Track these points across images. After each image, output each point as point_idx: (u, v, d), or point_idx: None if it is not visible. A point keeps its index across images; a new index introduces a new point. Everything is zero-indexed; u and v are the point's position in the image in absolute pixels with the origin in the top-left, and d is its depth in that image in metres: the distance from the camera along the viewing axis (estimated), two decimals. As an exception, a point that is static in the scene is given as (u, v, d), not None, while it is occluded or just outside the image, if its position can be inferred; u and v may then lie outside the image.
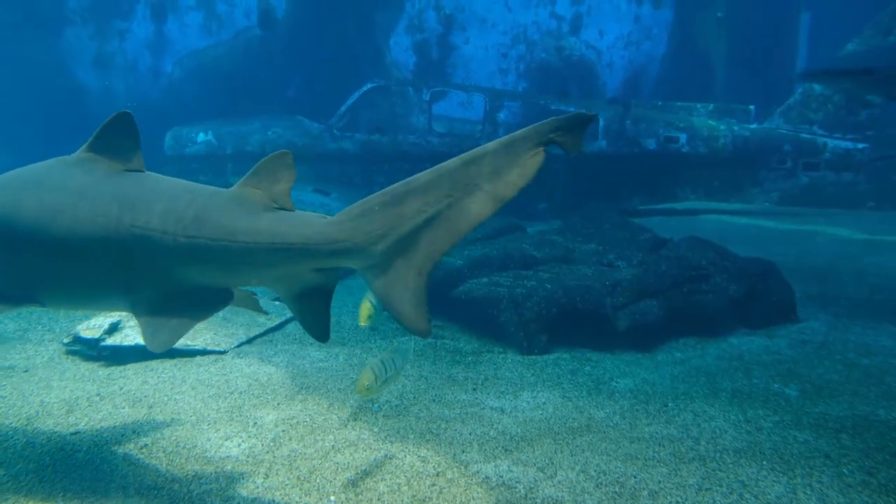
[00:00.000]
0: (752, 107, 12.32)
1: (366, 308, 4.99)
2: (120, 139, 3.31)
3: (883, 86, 6.90)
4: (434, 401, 4.64)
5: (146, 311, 3.08)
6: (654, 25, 18.72)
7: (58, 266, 3.14)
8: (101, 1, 16.33)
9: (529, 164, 2.86)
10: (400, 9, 17.81)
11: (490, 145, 2.86)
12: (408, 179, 2.94)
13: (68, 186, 3.16)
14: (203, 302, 3.14)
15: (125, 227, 3.03)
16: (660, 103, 12.82)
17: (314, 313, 3.16)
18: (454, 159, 2.88)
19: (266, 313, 3.82)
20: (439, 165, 2.89)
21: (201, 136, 12.25)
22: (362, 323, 5.05)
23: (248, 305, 3.65)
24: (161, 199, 3.12)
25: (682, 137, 12.00)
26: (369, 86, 12.28)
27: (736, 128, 12.05)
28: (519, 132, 2.83)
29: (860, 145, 11.78)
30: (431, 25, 18.10)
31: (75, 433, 4.08)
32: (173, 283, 3.09)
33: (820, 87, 11.90)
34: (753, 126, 12.14)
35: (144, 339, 3.01)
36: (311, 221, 3.01)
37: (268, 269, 3.04)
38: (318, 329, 3.16)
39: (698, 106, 12.55)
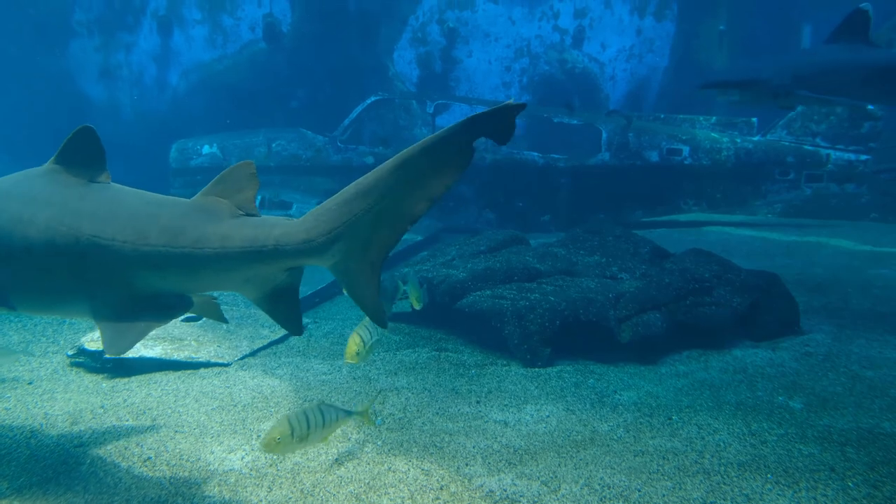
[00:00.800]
0: (754, 119, 12.36)
1: (354, 344, 4.41)
2: (84, 152, 3.45)
3: (771, 96, 7.00)
4: (437, 414, 4.64)
5: (106, 318, 3.21)
6: (656, 38, 18.78)
7: (22, 273, 3.27)
8: (107, 14, 16.46)
9: (460, 159, 2.99)
10: (403, 22, 17.92)
11: (424, 143, 2.97)
12: (357, 181, 3.10)
13: (33, 197, 3.31)
14: (162, 308, 3.28)
15: (85, 236, 3.16)
16: (662, 116, 12.87)
17: (287, 310, 3.36)
18: (393, 159, 3.03)
19: (226, 321, 3.83)
20: (381, 166, 3.04)
21: (206, 149, 12.32)
22: (348, 360, 4.45)
23: (209, 313, 3.72)
24: (122, 210, 3.27)
25: (685, 150, 12.03)
26: (373, 98, 12.36)
27: (739, 140, 12.08)
28: (448, 128, 2.92)
29: (863, 157, 11.80)
30: (435, 38, 18.18)
31: (79, 446, 4.09)
32: (133, 290, 3.22)
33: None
34: (756, 138, 12.17)
35: (103, 344, 3.15)
36: (279, 224, 3.17)
37: (236, 272, 3.18)
38: (293, 323, 3.37)
39: (701, 118, 12.60)
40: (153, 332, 5.81)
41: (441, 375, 5.40)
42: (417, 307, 5.79)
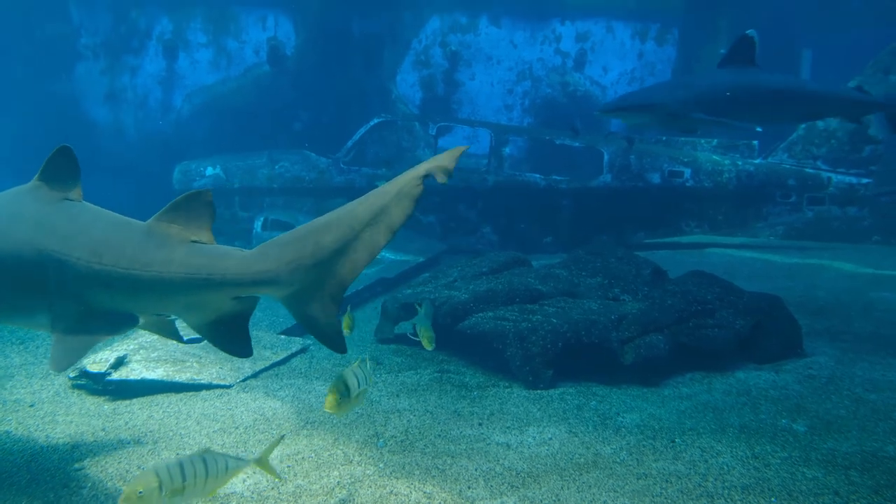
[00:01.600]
0: (755, 142, 12.42)
1: (336, 391, 3.65)
2: (62, 170, 3.63)
3: (668, 119, 7.28)
4: (440, 436, 4.62)
5: (61, 331, 3.38)
6: (657, 62, 18.93)
7: None
8: (113, 37, 16.63)
9: (413, 195, 3.30)
10: (406, 45, 18.08)
11: (380, 188, 3.32)
12: (321, 216, 3.33)
13: (13, 212, 3.53)
14: (110, 325, 3.46)
15: (47, 251, 3.33)
16: (664, 138, 12.93)
17: (232, 337, 3.46)
18: (357, 199, 3.33)
19: (182, 341, 3.88)
20: (347, 204, 3.33)
21: (209, 170, 12.39)
22: (327, 409, 3.70)
23: (165, 332, 3.81)
24: (83, 228, 3.44)
25: (687, 172, 12.08)
26: (376, 121, 12.44)
27: (740, 162, 12.13)
28: (402, 175, 3.32)
29: (864, 180, 11.84)
30: (438, 61, 18.34)
31: (80, 469, 4.08)
32: (86, 306, 3.37)
33: (823, 122, 11.99)
34: (758, 161, 12.22)
35: (52, 356, 3.32)
36: (230, 254, 3.31)
37: (177, 297, 3.32)
38: (240, 348, 3.47)
39: (702, 141, 12.65)
40: (155, 354, 5.83)
41: (443, 397, 5.39)
42: (429, 348, 5.54)
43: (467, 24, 18.43)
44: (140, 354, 5.84)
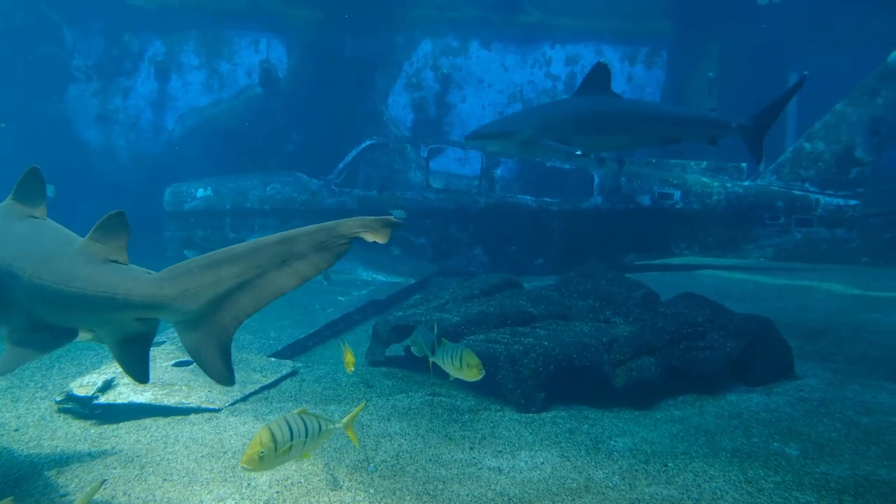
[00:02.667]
0: (744, 164, 12.52)
1: (258, 443, 3.39)
2: (30, 189, 3.93)
3: (522, 146, 7.42)
4: (431, 460, 4.58)
5: (14, 342, 3.51)
6: (646, 84, 19.12)
7: None
8: (105, 59, 16.68)
9: (335, 251, 3.27)
10: (398, 68, 18.22)
11: (305, 229, 3.29)
12: (229, 247, 3.33)
13: None
14: (53, 338, 3.55)
15: (4, 264, 3.51)
16: (654, 160, 13.02)
17: (134, 357, 3.53)
18: (272, 236, 3.32)
19: (143, 381, 3.87)
20: (259, 239, 3.33)
21: (200, 192, 12.37)
22: (244, 464, 3.48)
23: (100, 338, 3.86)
24: (36, 244, 3.65)
25: (677, 194, 12.15)
26: (368, 143, 12.48)
27: (729, 185, 12.22)
28: (331, 223, 3.28)
29: (852, 202, 11.94)
30: (429, 84, 18.47)
31: (65, 495, 4.02)
32: (32, 318, 3.51)
33: (810, 145, 12.10)
34: (746, 183, 12.31)
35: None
36: (137, 276, 3.38)
37: (97, 314, 3.42)
38: (138, 372, 3.54)
39: (691, 163, 12.75)
40: (144, 377, 5.77)
41: (434, 421, 5.35)
42: (416, 353, 5.64)
43: (458, 47, 18.59)
44: (128, 378, 5.77)
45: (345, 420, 3.69)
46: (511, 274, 9.11)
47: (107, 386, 5.54)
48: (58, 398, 5.53)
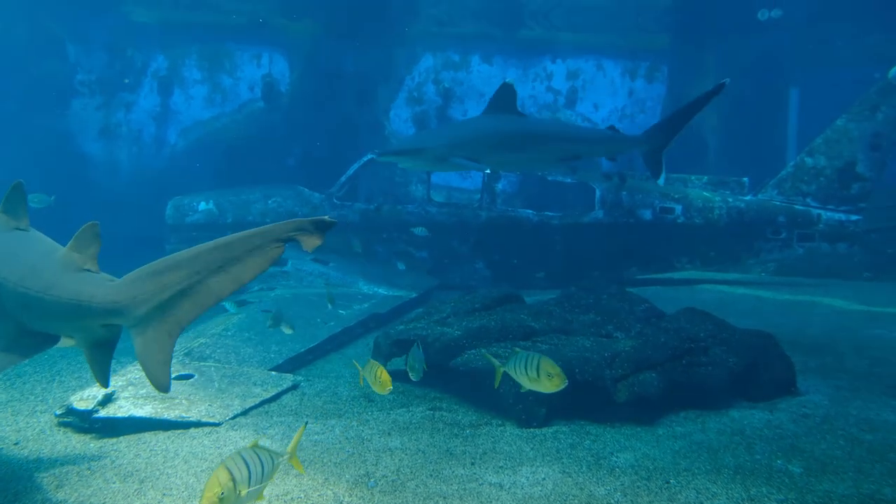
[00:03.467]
0: (745, 179, 12.54)
1: (216, 484, 2.96)
2: (14, 203, 4.19)
3: (434, 162, 7.69)
4: (431, 476, 4.55)
5: (2, 348, 3.71)
6: (647, 98, 19.21)
7: None
8: (108, 74, 16.78)
9: (270, 254, 3.42)
10: (400, 82, 18.30)
11: (240, 235, 3.47)
12: (173, 255, 3.51)
13: None
14: (35, 344, 3.78)
15: None
16: (655, 174, 13.02)
17: (101, 361, 3.75)
18: (210, 243, 3.48)
19: (106, 386, 4.00)
20: (198, 246, 3.49)
21: (202, 205, 12.39)
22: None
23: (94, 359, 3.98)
24: (20, 254, 3.88)
25: (678, 208, 12.16)
26: (369, 156, 12.49)
27: (731, 199, 12.23)
28: (265, 227, 3.44)
29: (853, 217, 11.94)
30: (431, 98, 18.55)
31: (64, 509, 3.99)
32: (18, 324, 3.74)
33: (811, 160, 12.13)
34: (748, 198, 12.32)
35: None
36: (101, 283, 3.59)
37: (68, 321, 3.63)
38: (101, 375, 3.77)
39: (693, 178, 12.77)
40: (144, 391, 5.76)
41: (435, 436, 5.33)
42: (414, 378, 5.57)
43: (460, 61, 18.69)
44: (128, 391, 5.77)
45: (288, 449, 3.49)
46: (512, 288, 9.09)
47: (107, 399, 5.53)
48: (58, 412, 5.51)
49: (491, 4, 16.59)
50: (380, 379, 4.93)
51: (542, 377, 4.51)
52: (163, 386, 3.38)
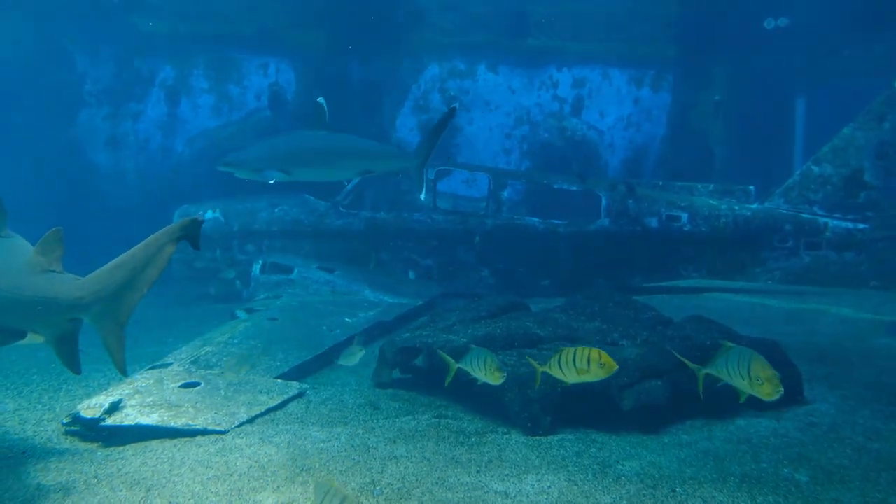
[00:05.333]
0: (751, 187, 12.52)
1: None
2: None
3: (254, 174, 8.25)
4: (437, 484, 4.55)
5: None
6: (653, 107, 19.22)
7: None
8: (116, 84, 16.90)
9: (168, 252, 4.39)
10: (406, 90, 18.37)
11: (152, 238, 4.34)
12: (120, 256, 4.29)
13: None
14: (3, 339, 4.27)
15: None
16: (661, 183, 13.04)
17: (68, 353, 4.40)
18: (138, 245, 4.34)
19: (78, 372, 4.65)
20: (132, 249, 4.32)
21: (209, 214, 12.44)
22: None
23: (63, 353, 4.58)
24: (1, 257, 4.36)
25: (684, 216, 12.14)
26: (376, 165, 12.50)
27: (737, 207, 12.21)
28: (163, 229, 4.37)
29: (860, 225, 11.90)
30: (436, 106, 18.62)
31: (71, 517, 4.00)
32: None
33: (818, 168, 12.12)
34: (754, 206, 12.29)
35: None
36: (64, 282, 4.23)
37: (37, 316, 4.19)
38: (73, 365, 4.46)
39: (699, 186, 12.75)
40: (150, 399, 5.79)
41: (441, 444, 5.33)
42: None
43: (466, 70, 18.76)
44: (135, 399, 5.79)
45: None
46: (518, 295, 9.10)
47: (114, 408, 5.55)
48: (65, 420, 5.54)
49: (497, 14, 16.66)
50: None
51: (593, 367, 4.60)
52: (123, 368, 4.31)
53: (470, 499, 4.33)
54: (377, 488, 4.45)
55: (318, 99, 8.46)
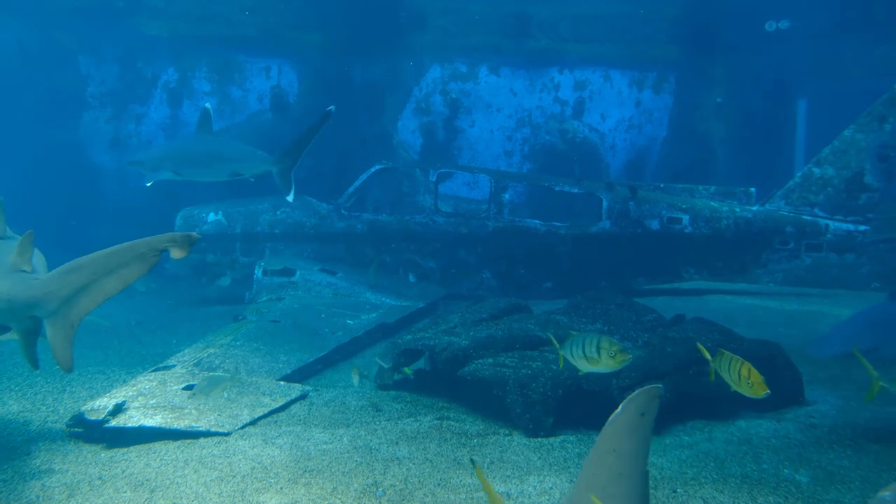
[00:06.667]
0: (752, 189, 12.52)
1: None
2: None
3: (152, 172, 8.85)
4: (439, 485, 4.58)
5: None
6: (654, 109, 19.23)
7: None
8: (119, 87, 16.95)
9: (149, 261, 4.32)
10: (407, 93, 18.39)
11: (127, 244, 4.31)
12: (77, 259, 4.36)
13: None
14: None
15: None
16: (662, 185, 13.05)
17: (29, 346, 4.59)
18: (106, 250, 4.34)
19: (36, 366, 4.75)
20: (97, 252, 4.33)
21: (211, 216, 12.46)
22: None
23: (26, 346, 4.77)
24: None
25: (685, 218, 12.15)
26: (377, 167, 12.55)
27: (738, 209, 12.22)
28: (144, 239, 4.30)
29: (861, 227, 11.90)
30: (438, 109, 18.64)
31: (75, 517, 4.03)
32: None
33: (819, 170, 12.14)
34: (755, 208, 12.30)
35: None
36: (26, 281, 4.45)
37: (7, 314, 4.46)
38: (31, 358, 4.64)
39: (700, 188, 12.76)
40: (153, 401, 5.82)
41: (443, 445, 5.35)
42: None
43: (467, 72, 18.78)
44: (138, 401, 5.82)
45: None
46: (520, 297, 9.12)
47: (117, 409, 5.58)
48: (69, 422, 5.57)
49: (499, 16, 16.67)
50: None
51: (603, 357, 4.46)
52: (67, 366, 4.34)
53: (472, 500, 4.35)
54: (380, 490, 4.48)
55: (206, 105, 9.17)
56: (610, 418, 2.63)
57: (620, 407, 2.65)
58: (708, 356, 4.84)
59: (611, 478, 2.61)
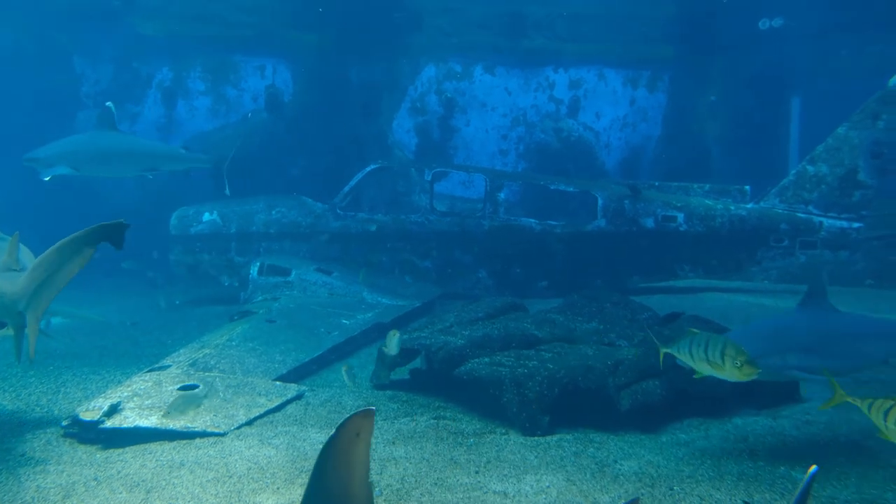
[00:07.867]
0: (747, 187, 12.55)
1: None
2: None
3: (47, 169, 9.04)
4: (436, 484, 4.57)
5: None
6: (649, 108, 19.26)
7: None
8: (114, 86, 16.89)
9: (86, 255, 4.74)
10: (403, 92, 18.37)
11: (67, 240, 4.66)
12: (39, 257, 4.80)
13: None
14: None
15: None
16: (657, 183, 13.07)
17: (17, 342, 4.95)
18: (54, 246, 4.72)
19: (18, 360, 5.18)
20: (49, 250, 4.74)
21: (206, 216, 12.43)
22: None
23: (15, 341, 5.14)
24: None
25: (680, 216, 12.17)
26: (372, 166, 12.53)
27: (732, 207, 12.25)
28: (83, 231, 4.63)
29: (855, 224, 11.95)
30: (433, 108, 18.63)
31: (71, 519, 4.01)
32: None
33: (813, 167, 12.18)
34: (749, 206, 12.33)
35: None
36: (10, 280, 4.85)
37: (3, 310, 4.82)
38: (17, 353, 4.98)
39: (694, 186, 12.79)
40: (149, 402, 5.80)
41: (439, 444, 5.35)
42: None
43: (462, 72, 18.78)
44: (134, 402, 5.80)
45: None
46: (515, 296, 9.12)
47: (112, 410, 5.56)
48: (64, 423, 5.54)
49: (494, 15, 16.67)
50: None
51: (727, 365, 4.23)
52: (32, 356, 4.75)
53: (469, 499, 4.35)
54: (376, 489, 4.47)
55: (107, 104, 9.35)
56: (327, 440, 2.84)
57: (335, 429, 2.84)
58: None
59: (336, 493, 2.79)
